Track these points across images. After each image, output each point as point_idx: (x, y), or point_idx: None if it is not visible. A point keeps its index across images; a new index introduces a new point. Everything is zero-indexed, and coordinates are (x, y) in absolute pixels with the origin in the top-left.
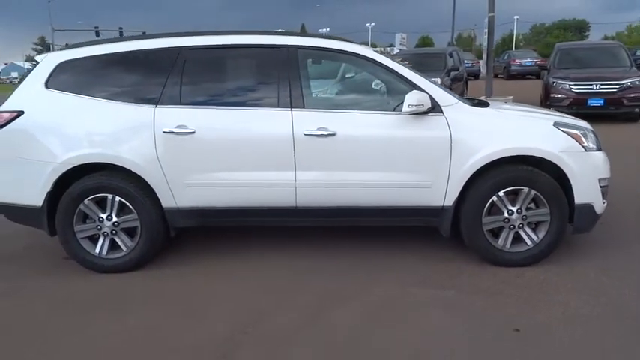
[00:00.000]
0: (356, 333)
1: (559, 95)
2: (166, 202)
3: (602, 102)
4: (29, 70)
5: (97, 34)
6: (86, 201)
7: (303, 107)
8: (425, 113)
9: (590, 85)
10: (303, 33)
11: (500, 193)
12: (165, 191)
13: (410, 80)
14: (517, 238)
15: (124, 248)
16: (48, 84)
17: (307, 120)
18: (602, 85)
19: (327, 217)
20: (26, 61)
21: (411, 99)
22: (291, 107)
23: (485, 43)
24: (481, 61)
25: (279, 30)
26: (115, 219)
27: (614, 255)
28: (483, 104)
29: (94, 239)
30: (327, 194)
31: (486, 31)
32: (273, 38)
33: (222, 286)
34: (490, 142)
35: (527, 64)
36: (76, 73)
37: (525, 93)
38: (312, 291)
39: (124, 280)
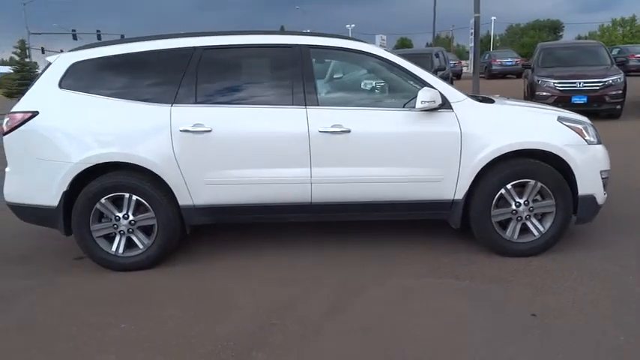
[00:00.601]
0: (379, 321)
1: (544, 93)
2: (183, 199)
3: (585, 99)
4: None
5: (75, 37)
6: (103, 200)
7: (318, 105)
8: (435, 110)
9: (574, 83)
10: (316, 32)
11: (509, 186)
12: (183, 189)
13: (421, 78)
14: (524, 229)
15: (141, 246)
16: (61, 84)
17: (322, 117)
18: (585, 83)
19: (341, 212)
20: None
21: (424, 96)
22: (306, 105)
23: (471, 43)
24: (463, 61)
25: None
26: (131, 217)
27: (614, 243)
28: (489, 101)
29: (109, 238)
30: (341, 190)
31: (472, 31)
32: (286, 38)
33: (240, 282)
34: (498, 137)
35: (508, 63)
36: (90, 74)
37: (508, 91)
38: (329, 284)
39: (140, 278)
